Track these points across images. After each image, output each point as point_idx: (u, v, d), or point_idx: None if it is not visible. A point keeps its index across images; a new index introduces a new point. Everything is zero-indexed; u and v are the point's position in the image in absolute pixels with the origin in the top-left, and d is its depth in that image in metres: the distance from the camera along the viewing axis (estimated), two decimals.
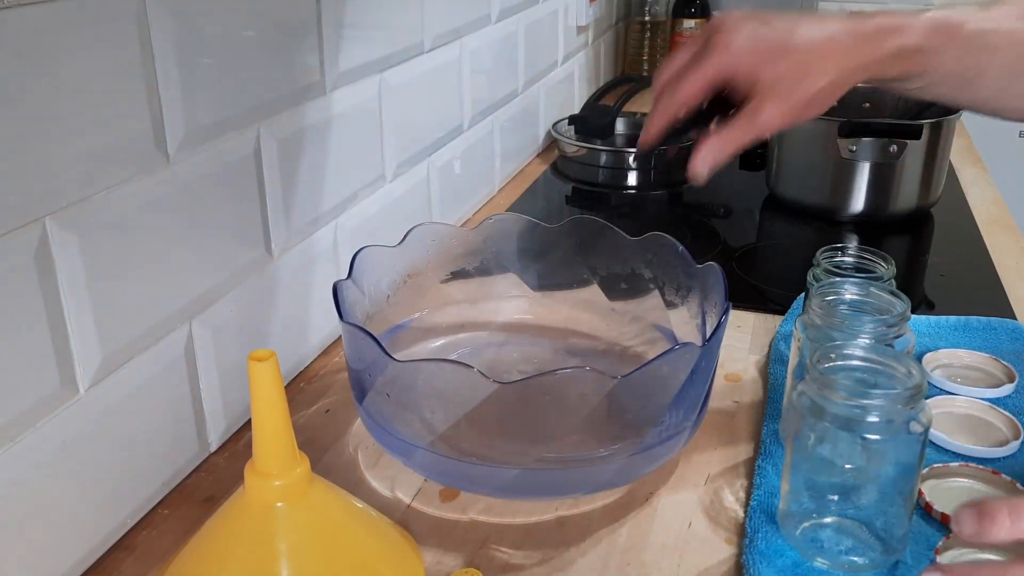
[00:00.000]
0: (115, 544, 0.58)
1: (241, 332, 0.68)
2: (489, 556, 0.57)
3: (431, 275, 0.76)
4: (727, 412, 0.72)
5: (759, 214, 1.16)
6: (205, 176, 0.62)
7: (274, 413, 0.47)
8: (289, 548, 0.48)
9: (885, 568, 0.55)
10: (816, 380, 0.54)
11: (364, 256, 0.68)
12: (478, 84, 1.10)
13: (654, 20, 1.79)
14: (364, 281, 0.68)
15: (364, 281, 0.68)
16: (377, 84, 0.84)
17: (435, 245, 0.75)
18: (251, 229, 0.68)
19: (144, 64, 0.55)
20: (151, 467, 0.61)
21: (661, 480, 0.64)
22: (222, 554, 0.49)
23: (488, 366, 0.64)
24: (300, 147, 0.73)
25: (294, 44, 0.71)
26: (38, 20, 0.47)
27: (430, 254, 0.75)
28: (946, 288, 0.95)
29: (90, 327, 0.53)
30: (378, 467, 0.66)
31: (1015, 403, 0.71)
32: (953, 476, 0.62)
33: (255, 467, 0.48)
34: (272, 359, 0.46)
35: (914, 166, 1.07)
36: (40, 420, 0.51)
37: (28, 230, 0.48)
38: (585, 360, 0.74)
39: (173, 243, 0.60)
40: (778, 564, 0.55)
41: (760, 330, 0.85)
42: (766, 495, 0.60)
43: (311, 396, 0.75)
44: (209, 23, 0.60)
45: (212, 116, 0.62)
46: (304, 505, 0.49)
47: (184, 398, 0.63)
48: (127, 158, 0.55)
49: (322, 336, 0.81)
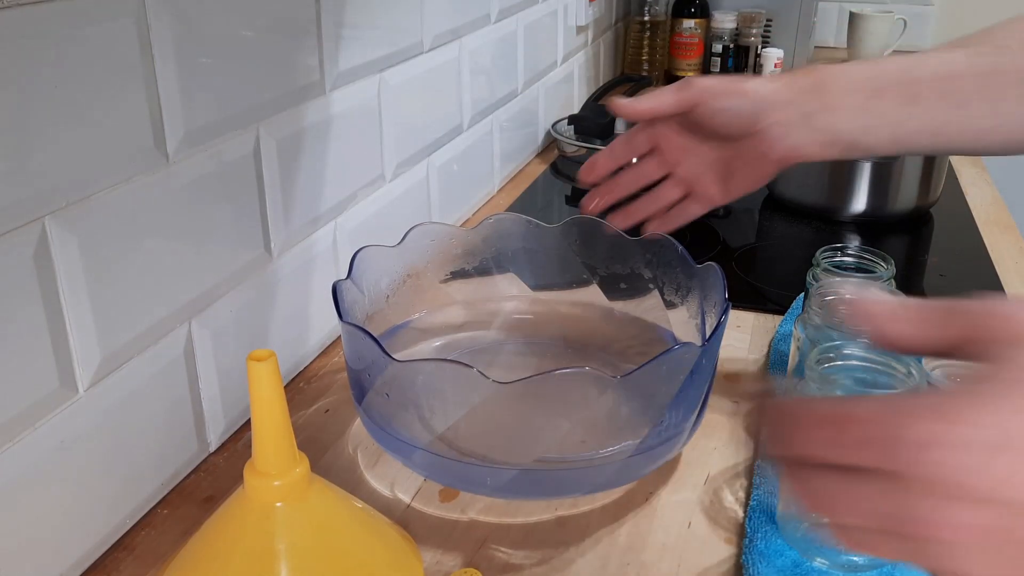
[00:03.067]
0: (115, 544, 0.58)
1: (241, 332, 0.68)
2: (489, 556, 0.57)
3: (430, 275, 0.76)
4: (727, 412, 0.72)
5: (759, 214, 1.16)
6: (204, 176, 0.62)
7: (274, 413, 0.47)
8: (289, 548, 0.48)
9: (885, 568, 0.55)
10: (816, 380, 0.54)
11: (363, 256, 0.68)
12: (477, 84, 1.10)
13: (654, 20, 1.79)
14: (363, 281, 0.68)
15: (363, 281, 0.68)
16: (377, 84, 0.84)
17: (434, 245, 0.75)
18: (251, 229, 0.68)
19: (144, 64, 0.55)
20: (150, 467, 0.61)
21: (661, 480, 0.64)
22: (222, 554, 0.49)
23: (487, 366, 0.64)
24: (299, 147, 0.73)
25: (294, 44, 0.71)
26: (38, 20, 0.47)
27: (429, 254, 0.75)
28: (946, 288, 0.95)
29: (89, 327, 0.53)
30: (378, 467, 0.66)
31: None
32: None
33: (255, 467, 0.48)
34: (272, 359, 0.46)
35: (914, 166, 1.07)
36: (39, 420, 0.51)
37: (28, 230, 0.48)
38: (584, 360, 0.74)
39: (173, 243, 0.60)
40: (778, 564, 0.55)
41: (760, 330, 0.85)
42: (766, 495, 0.60)
43: (311, 396, 0.75)
44: (209, 23, 0.60)
45: (211, 116, 0.62)
46: (304, 505, 0.49)
47: (183, 398, 0.63)
48: (127, 158, 0.55)
49: (322, 336, 0.81)
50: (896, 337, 0.37)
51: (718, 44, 1.76)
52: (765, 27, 1.77)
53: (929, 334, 0.36)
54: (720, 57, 1.77)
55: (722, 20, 1.75)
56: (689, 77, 0.69)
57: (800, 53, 1.78)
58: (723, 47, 1.76)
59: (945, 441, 0.31)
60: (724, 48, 1.76)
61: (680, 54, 1.79)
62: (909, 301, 0.37)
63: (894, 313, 0.37)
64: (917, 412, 0.32)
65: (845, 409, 0.34)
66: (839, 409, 0.34)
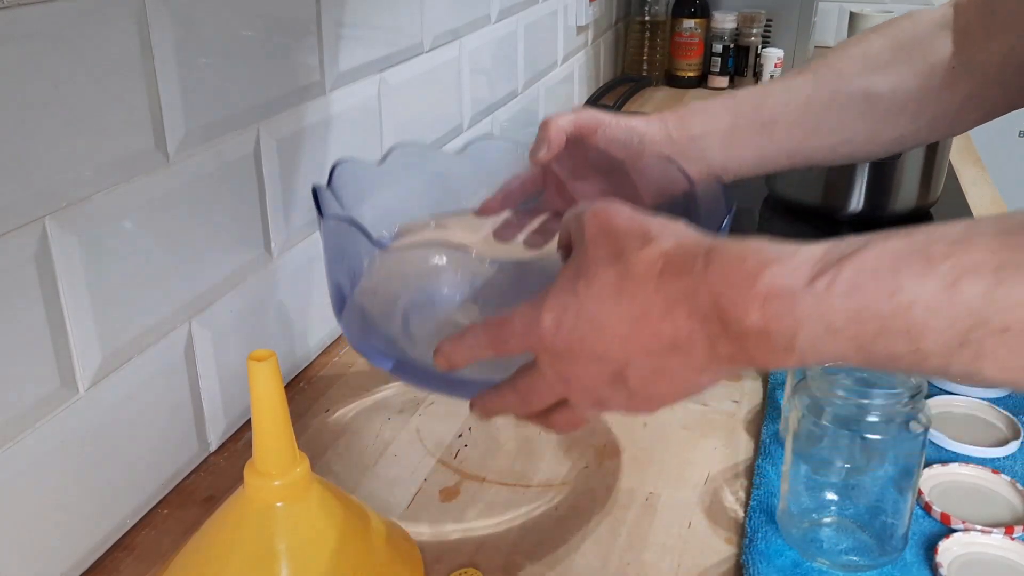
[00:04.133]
0: (115, 544, 0.58)
1: (241, 332, 0.68)
2: (489, 556, 0.57)
3: (413, 199, 0.70)
4: (727, 412, 0.72)
5: (759, 214, 1.16)
6: (205, 176, 0.62)
7: (274, 413, 0.47)
8: (289, 548, 0.48)
9: (885, 568, 0.55)
10: (816, 380, 0.54)
11: (344, 170, 0.63)
12: (478, 84, 1.10)
13: (654, 20, 1.79)
14: (343, 194, 0.63)
15: (343, 194, 0.63)
16: (377, 84, 0.84)
17: (417, 165, 0.70)
18: (251, 229, 0.68)
19: (144, 64, 0.55)
20: (151, 467, 0.61)
21: (661, 480, 0.64)
22: (222, 554, 0.49)
23: (470, 281, 0.59)
24: (300, 147, 0.73)
25: (294, 44, 0.71)
26: (38, 20, 0.47)
27: (411, 175, 0.70)
28: None
29: (90, 327, 0.53)
30: (378, 467, 0.66)
31: (1015, 403, 0.71)
32: (953, 476, 0.62)
33: (255, 467, 0.48)
34: (272, 359, 0.46)
35: (914, 165, 1.07)
36: (40, 420, 0.51)
37: (28, 230, 0.48)
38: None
39: (173, 243, 0.60)
40: (778, 564, 0.55)
41: None
42: (766, 495, 0.60)
43: (311, 396, 0.75)
44: (209, 23, 0.60)
45: (212, 116, 0.62)
46: (304, 505, 0.49)
47: (184, 398, 0.63)
48: (127, 158, 0.55)
49: (322, 336, 0.81)
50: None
51: (718, 44, 1.76)
52: (765, 27, 1.77)
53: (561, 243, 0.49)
54: (720, 57, 1.77)
55: (722, 20, 1.75)
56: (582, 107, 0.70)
57: (800, 53, 1.78)
58: (723, 47, 1.76)
59: (538, 323, 0.44)
60: (724, 48, 1.76)
61: (680, 54, 1.79)
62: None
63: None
64: (532, 306, 0.44)
65: (494, 320, 0.47)
66: (491, 323, 0.47)
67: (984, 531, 0.56)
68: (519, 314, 0.45)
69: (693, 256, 0.41)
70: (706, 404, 0.73)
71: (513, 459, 0.66)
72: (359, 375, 0.77)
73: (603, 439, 0.68)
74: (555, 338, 0.43)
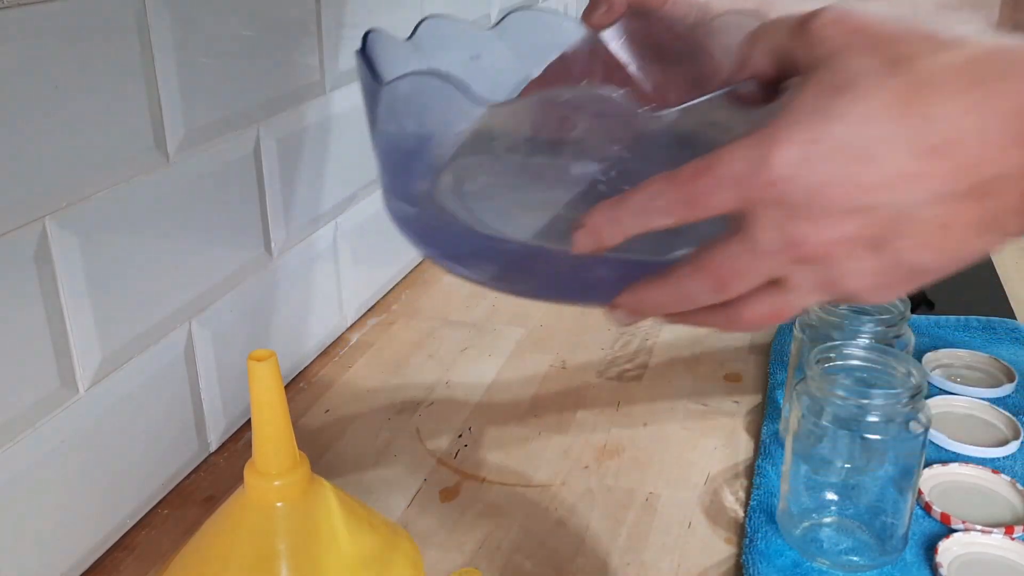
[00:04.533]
0: (115, 544, 0.58)
1: (241, 332, 0.68)
2: (489, 556, 0.57)
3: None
4: (727, 412, 0.72)
5: None
6: (205, 176, 0.62)
7: (274, 413, 0.47)
8: (289, 548, 0.48)
9: (885, 568, 0.55)
10: (816, 380, 0.54)
11: (375, 40, 0.55)
12: None
13: None
14: (378, 67, 0.55)
15: (378, 67, 0.55)
16: None
17: (452, 39, 0.63)
18: (251, 229, 0.68)
19: (144, 64, 0.55)
20: (151, 467, 0.61)
21: (661, 480, 0.64)
22: (222, 554, 0.49)
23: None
24: (300, 147, 0.73)
25: (294, 44, 0.71)
26: (38, 20, 0.47)
27: (443, 53, 0.62)
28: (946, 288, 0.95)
29: (90, 327, 0.53)
30: (378, 467, 0.66)
31: (1015, 403, 0.71)
32: (953, 476, 0.62)
33: (255, 467, 0.48)
34: (272, 359, 0.46)
35: None
36: (40, 420, 0.51)
37: (28, 230, 0.48)
38: None
39: (173, 243, 0.60)
40: (778, 564, 0.55)
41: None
42: (766, 495, 0.60)
43: (311, 396, 0.75)
44: (209, 23, 0.60)
45: (212, 116, 0.62)
46: (304, 505, 0.49)
47: (184, 398, 0.63)
48: (127, 158, 0.55)
49: (322, 336, 0.81)
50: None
51: None
52: None
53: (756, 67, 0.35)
54: None
55: None
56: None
57: None
58: None
59: (766, 164, 0.31)
60: None
61: None
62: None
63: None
64: (753, 143, 0.32)
65: (690, 168, 0.33)
66: (686, 172, 0.33)
67: (984, 531, 0.56)
68: (732, 154, 0.32)
69: (1022, 61, 0.30)
70: (706, 404, 0.73)
71: (513, 459, 0.66)
72: (359, 375, 0.77)
73: (603, 439, 0.68)
74: (792, 182, 0.31)
